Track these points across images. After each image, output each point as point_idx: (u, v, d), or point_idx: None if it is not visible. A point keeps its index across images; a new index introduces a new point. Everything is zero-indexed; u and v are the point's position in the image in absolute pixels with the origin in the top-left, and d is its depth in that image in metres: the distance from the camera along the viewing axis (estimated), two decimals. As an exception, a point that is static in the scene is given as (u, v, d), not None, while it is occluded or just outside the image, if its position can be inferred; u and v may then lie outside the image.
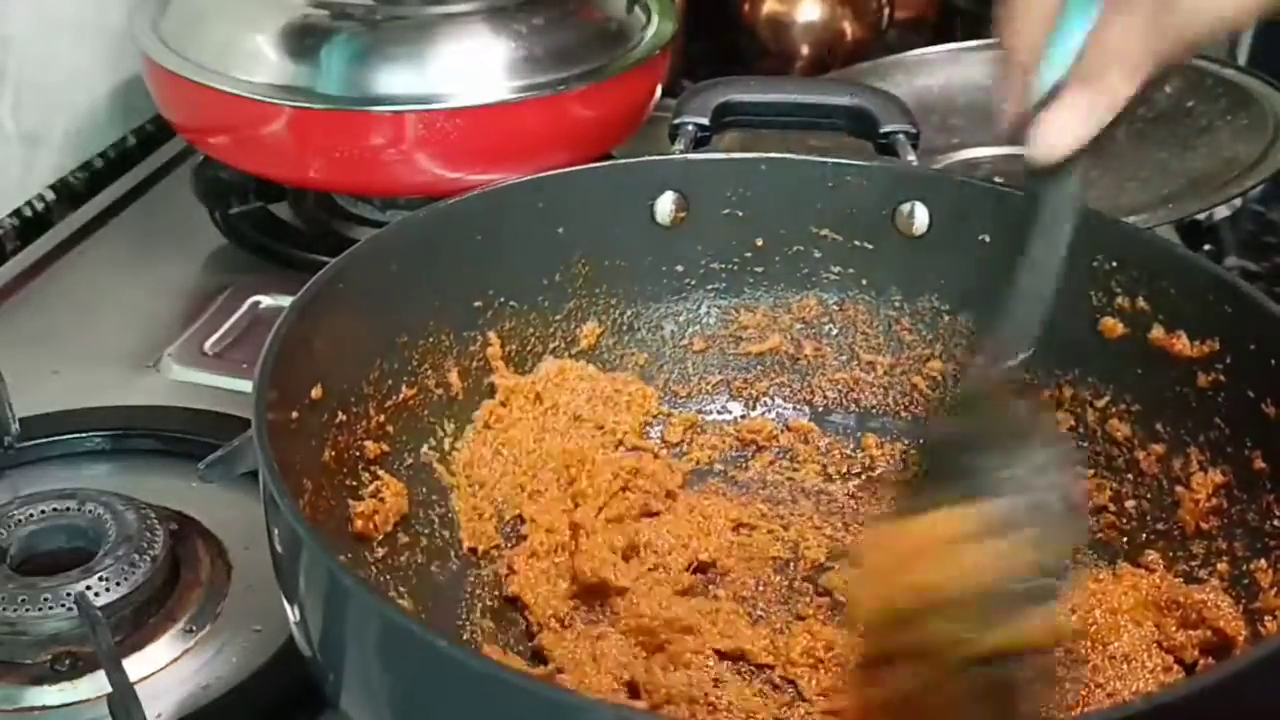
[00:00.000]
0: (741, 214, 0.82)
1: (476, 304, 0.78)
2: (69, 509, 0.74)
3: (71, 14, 1.08)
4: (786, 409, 0.84)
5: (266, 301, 0.97)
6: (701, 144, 0.87)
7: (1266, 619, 0.65)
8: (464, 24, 0.96)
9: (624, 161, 0.90)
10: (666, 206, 0.81)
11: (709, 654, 0.69)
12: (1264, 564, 0.67)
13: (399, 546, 0.70)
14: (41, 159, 1.06)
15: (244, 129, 0.97)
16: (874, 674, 0.58)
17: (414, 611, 0.68)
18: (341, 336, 0.70)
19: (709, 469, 0.82)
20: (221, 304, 0.97)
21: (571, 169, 0.82)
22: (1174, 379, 0.73)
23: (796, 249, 0.83)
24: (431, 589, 0.71)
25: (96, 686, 0.67)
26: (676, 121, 0.87)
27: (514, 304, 0.79)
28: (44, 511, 0.74)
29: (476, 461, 0.76)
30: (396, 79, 0.94)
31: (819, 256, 0.83)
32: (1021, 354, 0.64)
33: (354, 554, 0.67)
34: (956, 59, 1.18)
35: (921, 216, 0.80)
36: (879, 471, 0.81)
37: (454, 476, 0.75)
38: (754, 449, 0.83)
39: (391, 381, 0.73)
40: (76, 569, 0.70)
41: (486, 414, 0.78)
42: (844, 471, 0.82)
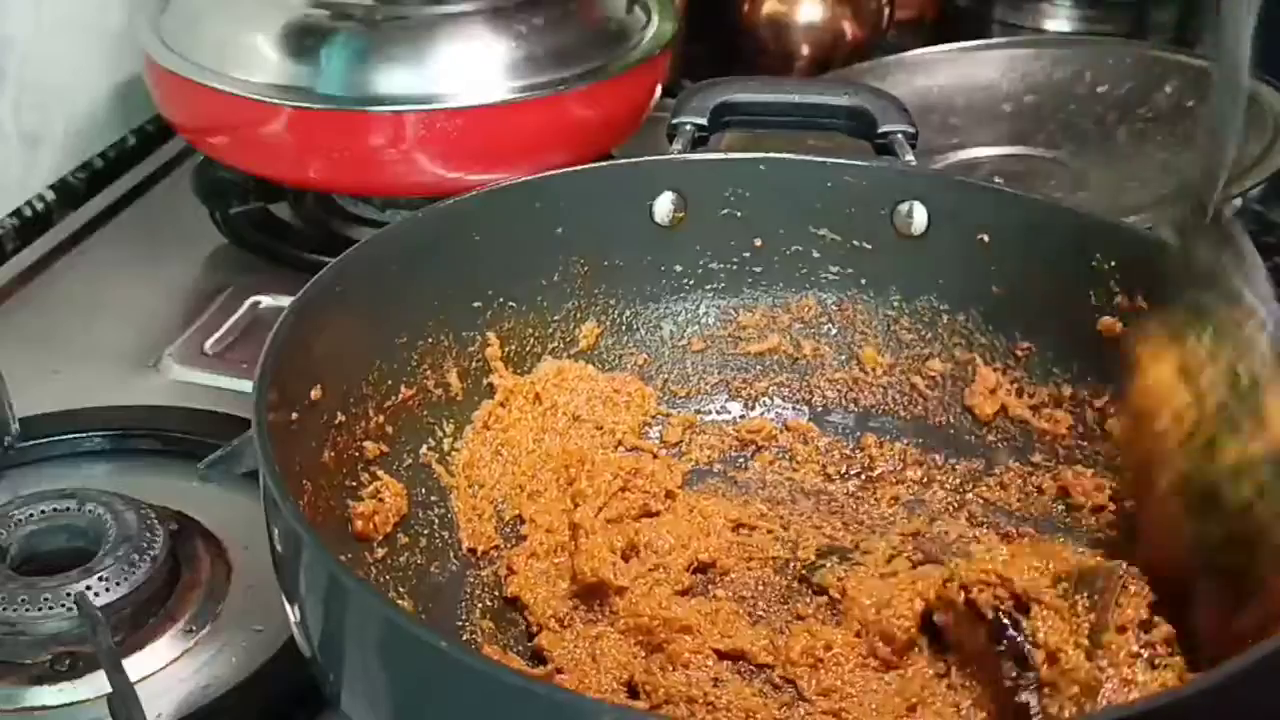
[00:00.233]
0: (740, 214, 0.82)
1: (476, 304, 0.78)
2: (69, 509, 0.74)
3: (71, 14, 1.08)
4: (786, 409, 0.84)
5: (266, 301, 0.97)
6: (700, 144, 0.87)
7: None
8: (464, 24, 0.96)
9: (623, 161, 0.90)
10: (665, 206, 0.81)
11: (708, 653, 0.69)
12: (1263, 564, 0.67)
13: (399, 547, 0.71)
14: (41, 159, 1.06)
15: (244, 129, 0.97)
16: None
17: (414, 612, 0.68)
18: (341, 337, 0.70)
19: (708, 469, 0.82)
20: (221, 304, 0.97)
21: (571, 169, 0.82)
22: (1173, 379, 0.73)
23: (795, 249, 0.83)
24: (431, 589, 0.71)
25: (96, 686, 0.67)
26: (675, 121, 0.87)
27: (513, 304, 0.79)
28: (44, 511, 0.74)
29: (476, 462, 0.76)
30: (396, 79, 0.94)
31: (818, 256, 0.83)
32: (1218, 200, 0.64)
33: (354, 554, 0.68)
34: (956, 59, 1.18)
35: (920, 216, 0.80)
36: (879, 471, 0.81)
37: (453, 477, 0.75)
38: (753, 449, 0.83)
39: (391, 382, 0.73)
40: (76, 569, 0.70)
41: (486, 414, 0.78)
42: (843, 471, 0.82)
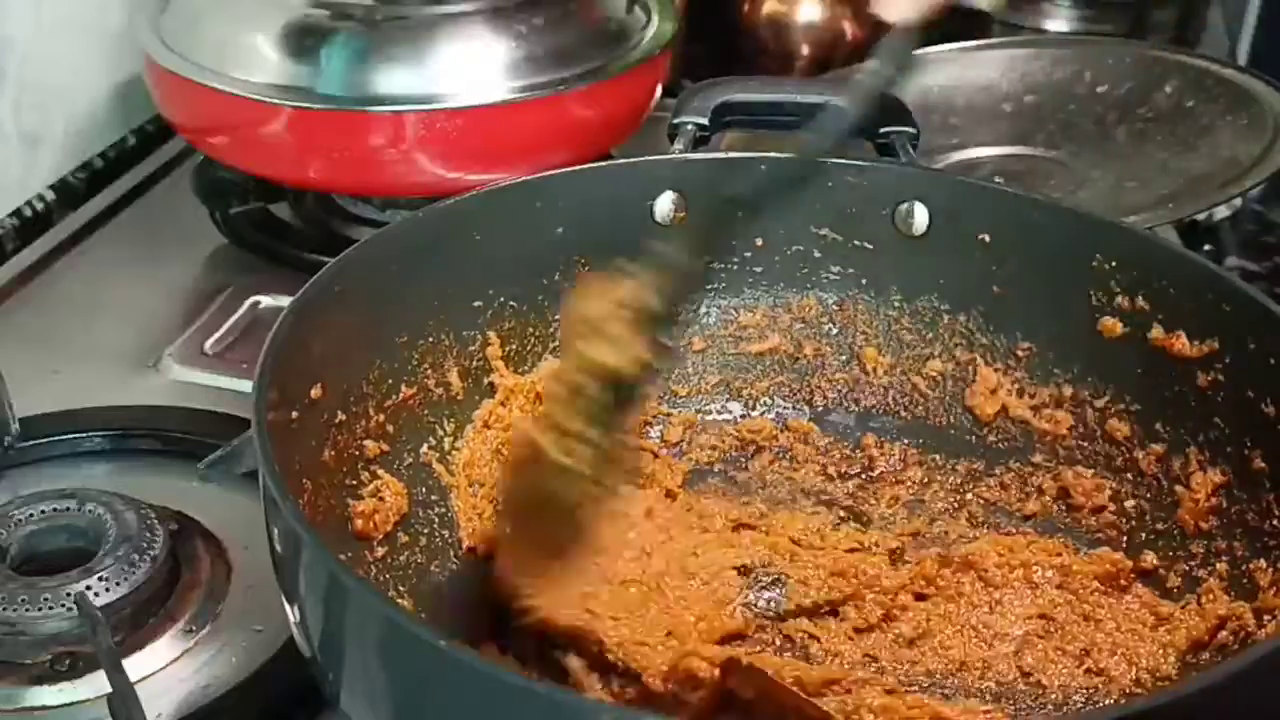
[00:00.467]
0: (741, 214, 0.82)
1: (476, 304, 0.78)
2: (69, 509, 0.74)
3: (71, 14, 1.08)
4: (786, 409, 0.84)
5: (266, 301, 0.97)
6: (701, 144, 0.87)
7: (1266, 618, 0.66)
8: (464, 24, 0.96)
9: (624, 161, 0.90)
10: (666, 206, 0.81)
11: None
12: (1263, 563, 0.68)
13: (399, 546, 0.70)
14: (41, 159, 1.06)
15: (244, 129, 0.97)
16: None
17: (414, 611, 0.68)
18: (341, 336, 0.70)
19: (709, 469, 0.82)
20: (221, 304, 0.97)
21: (571, 169, 0.82)
22: (1174, 379, 0.73)
23: (796, 249, 0.83)
24: (431, 588, 0.71)
25: (96, 686, 0.67)
26: (676, 121, 0.87)
27: (514, 304, 0.79)
28: (44, 511, 0.74)
29: (476, 461, 0.76)
30: (396, 79, 0.94)
31: (819, 256, 0.83)
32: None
33: (354, 554, 0.67)
34: (956, 59, 1.18)
35: (921, 216, 0.80)
36: (879, 471, 0.81)
37: (454, 476, 0.75)
38: (754, 449, 0.83)
39: (391, 381, 0.73)
40: (76, 569, 0.70)
41: (486, 414, 0.78)
42: (844, 471, 0.81)
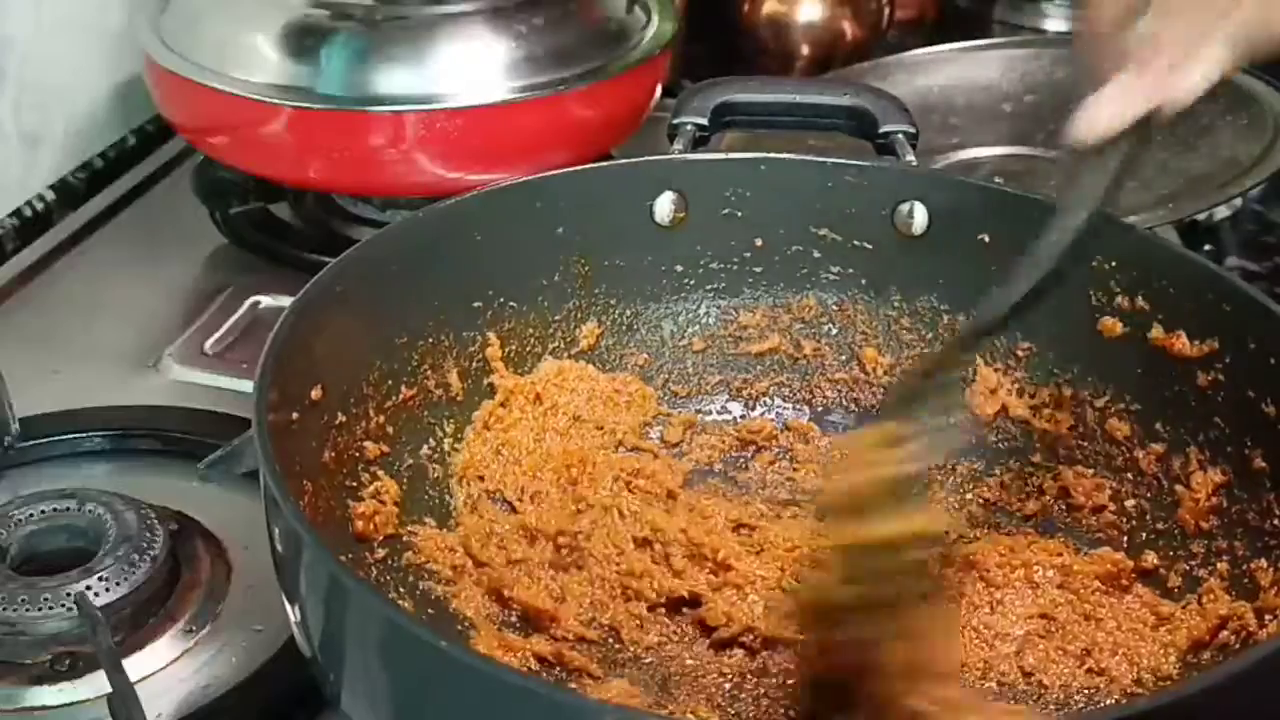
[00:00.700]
0: (741, 214, 0.82)
1: (476, 304, 0.78)
2: (69, 509, 0.74)
3: (71, 14, 1.08)
4: (786, 409, 0.84)
5: (266, 301, 0.97)
6: (701, 144, 0.87)
7: (1267, 618, 0.66)
8: (464, 24, 0.96)
9: (623, 161, 0.90)
10: (666, 206, 0.81)
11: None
12: (1264, 563, 0.67)
13: (399, 548, 0.70)
14: (41, 159, 1.06)
15: (244, 129, 0.97)
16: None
17: (414, 612, 0.67)
18: (341, 337, 0.70)
19: (709, 469, 0.82)
20: (221, 304, 0.97)
21: (571, 169, 0.82)
22: (1174, 379, 0.73)
23: (796, 249, 0.83)
24: (432, 590, 0.71)
25: (96, 686, 0.67)
26: (675, 121, 0.87)
27: (514, 304, 0.79)
28: (44, 511, 0.74)
29: (476, 462, 0.76)
30: (396, 79, 0.94)
31: (818, 256, 0.83)
32: (986, 326, 0.67)
33: (354, 555, 0.67)
34: (956, 59, 1.18)
35: (921, 216, 0.80)
36: (879, 471, 0.81)
37: (453, 477, 0.75)
38: (754, 449, 0.83)
39: (391, 382, 0.73)
40: (76, 569, 0.70)
41: (486, 415, 0.78)
42: (844, 471, 0.82)
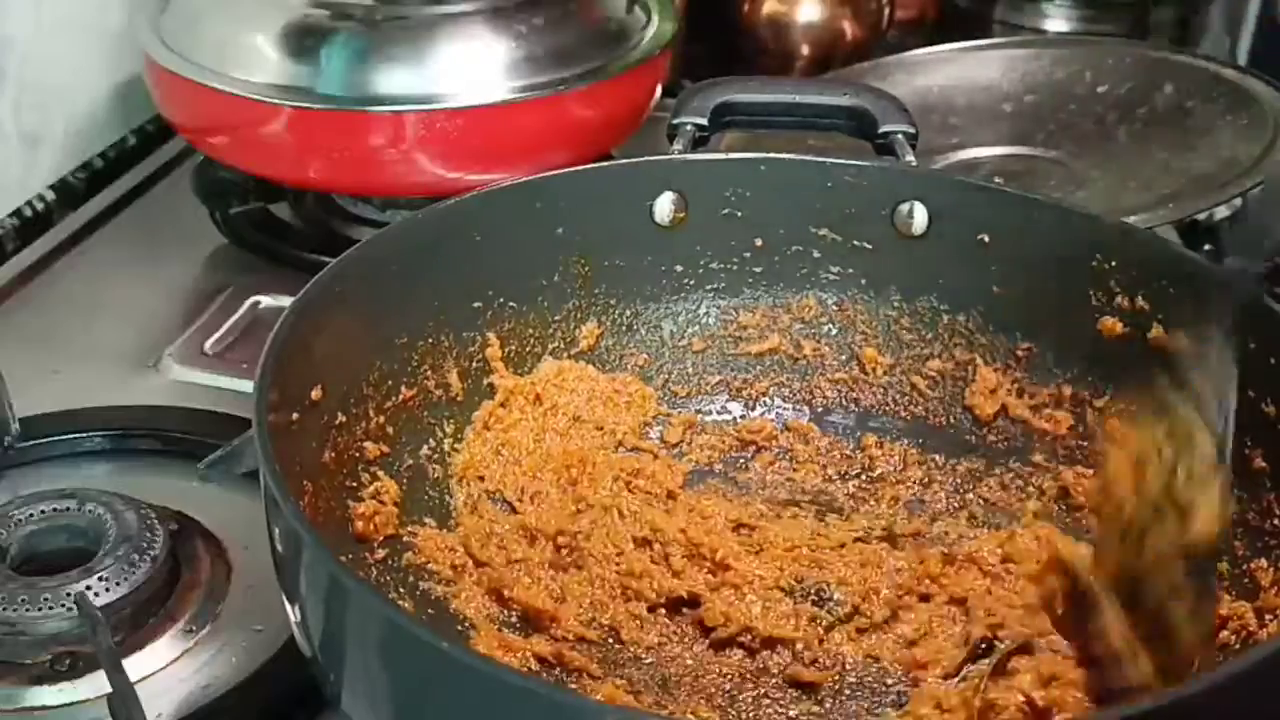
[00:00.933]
0: (740, 214, 0.82)
1: (476, 304, 0.78)
2: (69, 509, 0.74)
3: (71, 14, 1.08)
4: (786, 409, 0.84)
5: (266, 301, 0.97)
6: (700, 144, 0.87)
7: (1267, 618, 0.66)
8: (464, 24, 0.96)
9: (623, 161, 0.90)
10: (665, 206, 0.81)
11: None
12: (1264, 563, 0.67)
13: (399, 548, 0.70)
14: (41, 159, 1.06)
15: (244, 129, 0.97)
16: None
17: (414, 612, 0.68)
18: (341, 337, 0.70)
19: (709, 469, 0.82)
20: (221, 304, 0.97)
21: (571, 169, 0.82)
22: (1173, 379, 0.73)
23: (795, 249, 0.83)
24: (432, 591, 0.71)
25: (96, 686, 0.67)
26: (675, 121, 0.87)
27: (513, 304, 0.79)
28: (44, 511, 0.74)
29: (476, 462, 0.76)
30: (396, 79, 0.94)
31: (818, 256, 0.83)
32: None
33: (354, 555, 0.68)
34: (956, 59, 1.18)
35: (921, 216, 0.80)
36: (879, 472, 0.81)
37: (453, 478, 0.75)
38: (754, 449, 0.83)
39: (391, 382, 0.73)
40: (76, 569, 0.70)
41: (486, 415, 0.78)
42: (844, 471, 0.81)
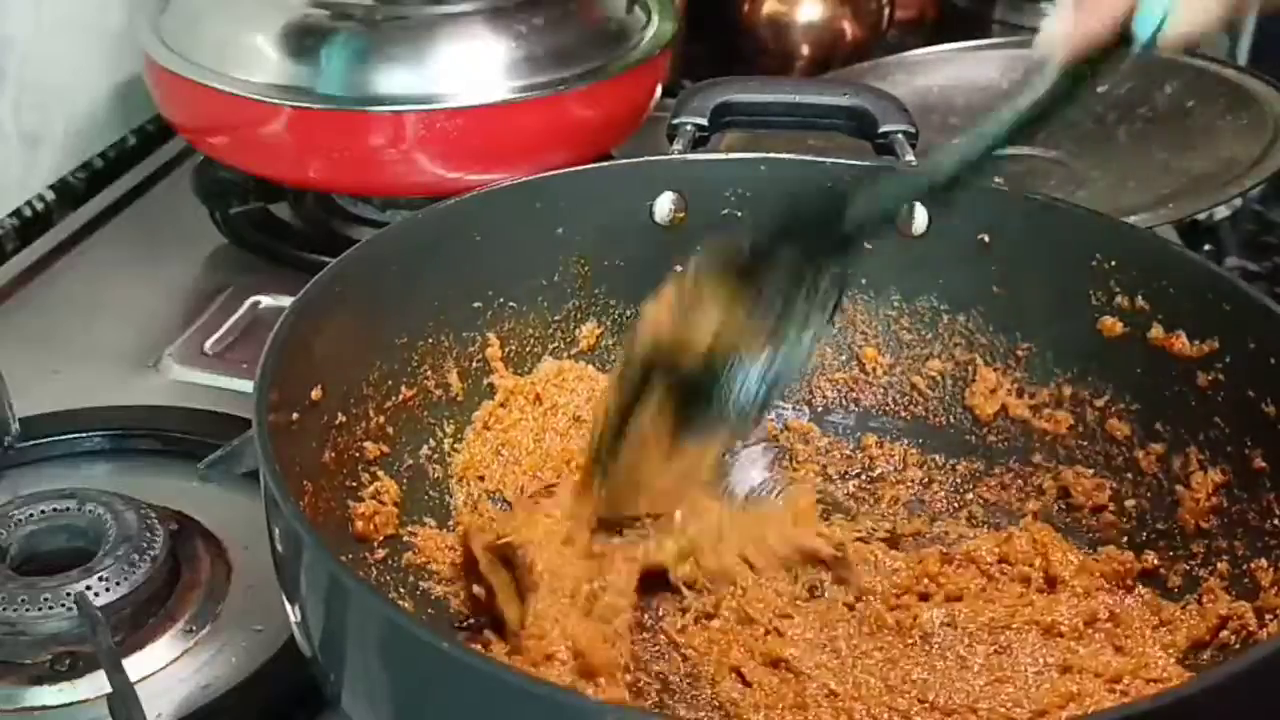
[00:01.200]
0: (741, 214, 0.82)
1: (476, 304, 0.78)
2: (69, 509, 0.74)
3: (71, 14, 1.08)
4: (786, 409, 0.84)
5: (266, 301, 0.97)
6: (700, 144, 0.87)
7: (1267, 618, 0.66)
8: (464, 24, 0.96)
9: (623, 161, 0.90)
10: (665, 206, 0.81)
11: None
12: (1264, 563, 0.68)
13: (399, 548, 0.70)
14: (41, 159, 1.06)
15: (244, 129, 0.97)
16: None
17: (414, 612, 0.68)
18: (341, 337, 0.70)
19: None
20: (221, 304, 0.97)
21: (571, 169, 0.82)
22: (1173, 378, 0.73)
23: (796, 249, 0.83)
24: (432, 590, 0.71)
25: (96, 686, 0.67)
26: (675, 121, 0.87)
27: (513, 304, 0.79)
28: (44, 511, 0.74)
29: (476, 462, 0.76)
30: (396, 79, 0.94)
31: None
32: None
33: (354, 555, 0.68)
34: (956, 59, 1.18)
35: (921, 216, 0.80)
36: (879, 471, 0.81)
37: (453, 478, 0.75)
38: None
39: (391, 382, 0.73)
40: (76, 569, 0.70)
41: (486, 415, 0.78)
42: (844, 471, 0.81)
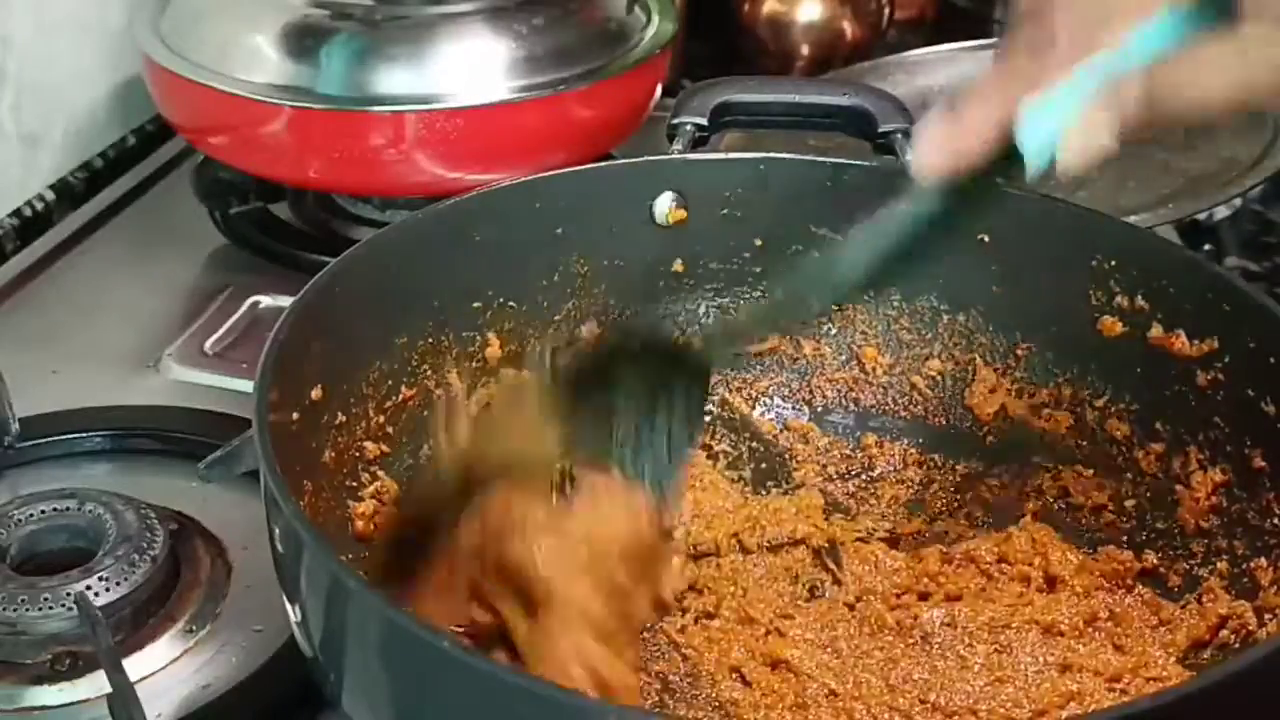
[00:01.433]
0: (740, 214, 0.82)
1: (476, 304, 0.78)
2: (69, 509, 0.74)
3: (71, 14, 1.08)
4: (786, 409, 0.84)
5: (266, 301, 0.97)
6: (700, 144, 0.87)
7: (1267, 618, 0.66)
8: (464, 24, 0.96)
9: (623, 161, 0.90)
10: (665, 206, 0.81)
11: None
12: (1264, 562, 0.68)
13: (399, 547, 0.70)
14: (41, 159, 1.06)
15: (244, 129, 0.97)
16: None
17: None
18: (341, 337, 0.70)
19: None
20: (221, 304, 0.97)
21: (571, 169, 0.82)
22: (1173, 378, 0.73)
23: (796, 249, 0.83)
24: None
25: (96, 686, 0.67)
26: (675, 121, 0.87)
27: (513, 304, 0.79)
28: (44, 511, 0.74)
29: (476, 462, 0.76)
30: (396, 79, 0.94)
31: (818, 257, 0.83)
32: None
33: (355, 555, 0.68)
34: (956, 59, 1.18)
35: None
36: (879, 471, 0.81)
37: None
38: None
39: (391, 382, 0.73)
40: (76, 569, 0.70)
41: (486, 414, 0.78)
42: (844, 471, 0.82)
